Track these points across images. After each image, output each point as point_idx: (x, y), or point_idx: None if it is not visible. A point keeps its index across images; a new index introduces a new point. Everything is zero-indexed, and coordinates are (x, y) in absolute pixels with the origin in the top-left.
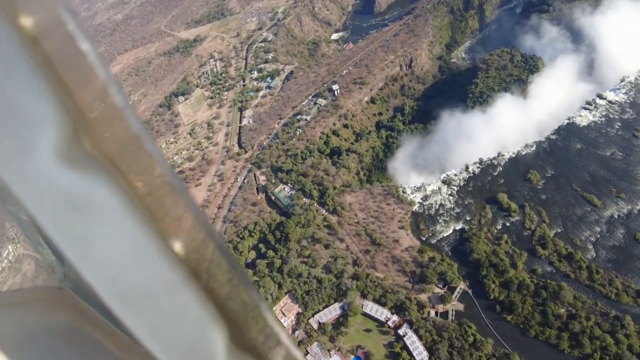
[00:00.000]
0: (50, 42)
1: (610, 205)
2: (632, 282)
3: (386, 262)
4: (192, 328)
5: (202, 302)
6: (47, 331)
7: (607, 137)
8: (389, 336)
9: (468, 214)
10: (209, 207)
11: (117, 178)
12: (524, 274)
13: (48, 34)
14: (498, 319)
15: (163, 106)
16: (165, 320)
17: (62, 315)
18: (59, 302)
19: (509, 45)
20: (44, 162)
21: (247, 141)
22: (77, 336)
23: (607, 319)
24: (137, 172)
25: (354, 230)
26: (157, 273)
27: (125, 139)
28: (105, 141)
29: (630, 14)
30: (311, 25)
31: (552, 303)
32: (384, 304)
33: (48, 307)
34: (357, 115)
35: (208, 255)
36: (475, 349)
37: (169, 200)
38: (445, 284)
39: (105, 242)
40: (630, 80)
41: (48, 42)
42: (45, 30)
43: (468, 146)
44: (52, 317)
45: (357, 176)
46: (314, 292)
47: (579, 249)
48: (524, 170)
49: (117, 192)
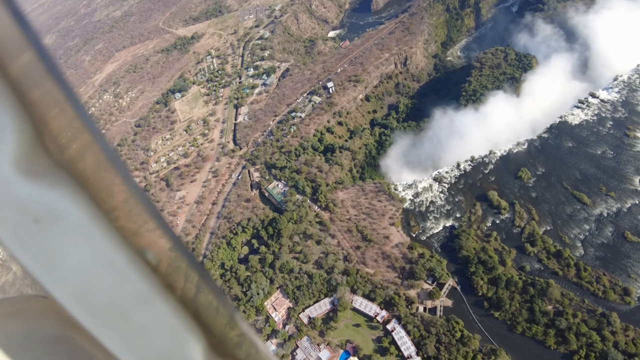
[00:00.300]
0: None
1: (600, 204)
2: (619, 279)
3: (376, 258)
4: (168, 338)
5: (177, 312)
6: (33, 341)
7: (598, 135)
8: (378, 331)
9: (458, 211)
10: (203, 203)
11: (82, 189)
12: (512, 271)
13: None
14: (486, 315)
15: (160, 103)
16: (138, 332)
17: (48, 324)
18: (45, 311)
19: (505, 43)
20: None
21: (242, 138)
22: (63, 345)
23: (594, 316)
24: (102, 184)
25: (346, 227)
26: (127, 285)
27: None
28: (68, 152)
29: (624, 13)
30: (308, 23)
31: (539, 300)
32: (373, 299)
33: (34, 317)
34: (351, 113)
35: (179, 266)
36: (463, 345)
37: (136, 212)
38: (434, 280)
39: (70, 255)
40: (623, 79)
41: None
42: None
43: (460, 144)
44: (38, 327)
45: (350, 173)
46: (305, 287)
47: (567, 247)
48: (515, 168)
49: (81, 203)
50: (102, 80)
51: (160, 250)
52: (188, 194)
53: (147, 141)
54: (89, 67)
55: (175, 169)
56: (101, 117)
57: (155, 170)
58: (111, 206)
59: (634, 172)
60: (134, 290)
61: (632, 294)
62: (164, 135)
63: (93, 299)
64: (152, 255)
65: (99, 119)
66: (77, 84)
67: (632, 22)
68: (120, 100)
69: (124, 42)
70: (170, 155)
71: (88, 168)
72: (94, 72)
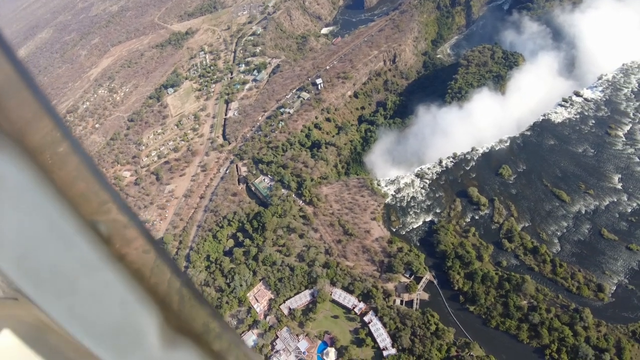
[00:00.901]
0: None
1: (578, 201)
2: (594, 276)
3: (357, 251)
4: (118, 309)
5: (128, 283)
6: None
7: (580, 134)
8: (355, 323)
9: (438, 206)
10: (192, 197)
11: (23, 152)
12: (489, 266)
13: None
14: (461, 309)
15: (153, 98)
16: (86, 301)
17: (21, 327)
18: (16, 314)
19: (494, 41)
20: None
21: (231, 133)
22: (37, 346)
23: (567, 311)
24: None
25: (328, 221)
26: (74, 252)
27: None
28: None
29: (610, 12)
30: (301, 19)
31: (514, 295)
32: (352, 291)
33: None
34: (339, 109)
35: (130, 236)
36: (437, 338)
37: (88, 184)
38: (411, 273)
39: (10, 218)
40: (608, 78)
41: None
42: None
43: (443, 141)
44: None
45: (335, 168)
46: (287, 279)
47: (544, 243)
48: (496, 165)
49: (23, 166)
50: (98, 75)
51: (113, 222)
52: (177, 187)
53: (140, 135)
54: (85, 61)
55: (165, 163)
56: (95, 112)
57: (146, 164)
58: (59, 174)
59: (613, 171)
60: (82, 258)
61: (606, 290)
62: (156, 130)
63: (35, 265)
64: (104, 225)
65: (94, 113)
66: (73, 78)
67: (618, 21)
68: (115, 95)
69: (119, 37)
70: (161, 150)
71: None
72: (90, 67)
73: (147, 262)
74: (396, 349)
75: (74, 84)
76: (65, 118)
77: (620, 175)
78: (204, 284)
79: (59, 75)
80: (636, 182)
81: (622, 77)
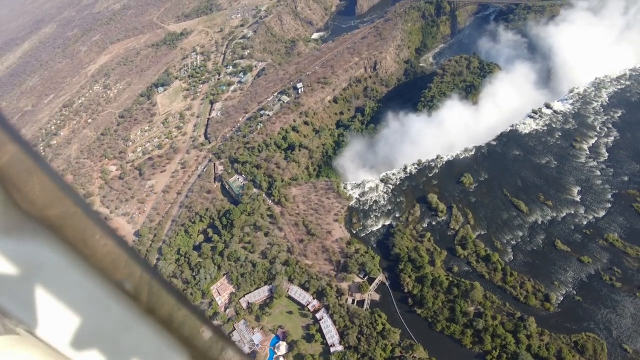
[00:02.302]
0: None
1: (536, 212)
2: (542, 285)
3: (317, 251)
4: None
5: (159, 332)
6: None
7: (545, 145)
8: (308, 319)
9: (398, 211)
10: (170, 193)
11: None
12: (441, 271)
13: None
14: (409, 312)
15: (144, 95)
16: (127, 355)
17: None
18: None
19: (477, 51)
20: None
21: (212, 133)
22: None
23: (512, 319)
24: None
25: (293, 221)
26: (110, 314)
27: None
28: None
29: (585, 27)
30: (292, 24)
31: (462, 301)
32: (308, 289)
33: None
34: (318, 113)
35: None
36: (382, 337)
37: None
38: (365, 274)
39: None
40: (579, 91)
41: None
42: None
43: (410, 148)
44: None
45: (306, 170)
46: (248, 274)
47: (497, 251)
48: (459, 173)
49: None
50: (95, 71)
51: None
52: (157, 183)
53: (128, 132)
54: (84, 57)
55: (149, 159)
56: (89, 107)
57: (131, 159)
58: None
59: (574, 183)
60: (118, 318)
61: (552, 300)
62: (143, 127)
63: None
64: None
65: (88, 108)
66: (71, 73)
67: (593, 35)
68: (109, 92)
69: (118, 35)
70: (146, 146)
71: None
72: (88, 63)
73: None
74: (343, 346)
75: (72, 79)
76: (60, 112)
77: (580, 187)
78: (171, 275)
79: (58, 69)
80: (595, 195)
81: (593, 90)
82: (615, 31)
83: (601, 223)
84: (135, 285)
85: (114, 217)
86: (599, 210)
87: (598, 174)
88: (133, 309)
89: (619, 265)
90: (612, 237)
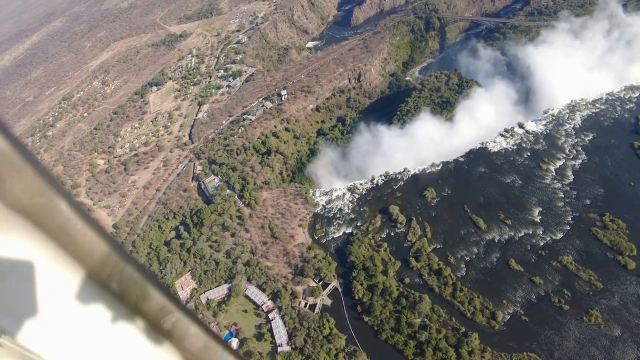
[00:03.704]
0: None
1: (494, 229)
2: (490, 303)
3: (278, 254)
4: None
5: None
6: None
7: (513, 164)
8: (261, 318)
9: (361, 220)
10: (149, 189)
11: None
12: (392, 281)
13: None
14: (357, 319)
15: (138, 94)
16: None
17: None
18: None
19: (454, 68)
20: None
21: (196, 133)
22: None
23: (457, 334)
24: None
25: (260, 223)
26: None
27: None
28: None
29: (565, 49)
30: (287, 32)
31: (409, 312)
32: (264, 290)
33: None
34: (300, 121)
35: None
36: (328, 342)
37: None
38: (320, 279)
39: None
40: (553, 113)
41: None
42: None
43: (380, 159)
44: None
45: (280, 175)
46: (211, 272)
47: (450, 266)
48: (423, 187)
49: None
50: (96, 67)
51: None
52: (140, 179)
53: (119, 127)
54: (88, 52)
55: (134, 156)
56: (87, 101)
57: (119, 154)
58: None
59: (536, 203)
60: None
61: (499, 319)
62: (134, 124)
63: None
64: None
65: (85, 102)
66: (74, 67)
67: (572, 57)
68: (106, 88)
69: (122, 33)
70: (134, 143)
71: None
72: (91, 58)
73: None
74: (290, 347)
75: (74, 73)
76: (59, 104)
77: (542, 208)
78: None
79: (62, 63)
80: (555, 217)
81: (567, 113)
82: (596, 54)
83: (558, 245)
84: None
85: (96, 208)
86: (557, 232)
87: (561, 195)
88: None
89: (570, 288)
90: (566, 260)
